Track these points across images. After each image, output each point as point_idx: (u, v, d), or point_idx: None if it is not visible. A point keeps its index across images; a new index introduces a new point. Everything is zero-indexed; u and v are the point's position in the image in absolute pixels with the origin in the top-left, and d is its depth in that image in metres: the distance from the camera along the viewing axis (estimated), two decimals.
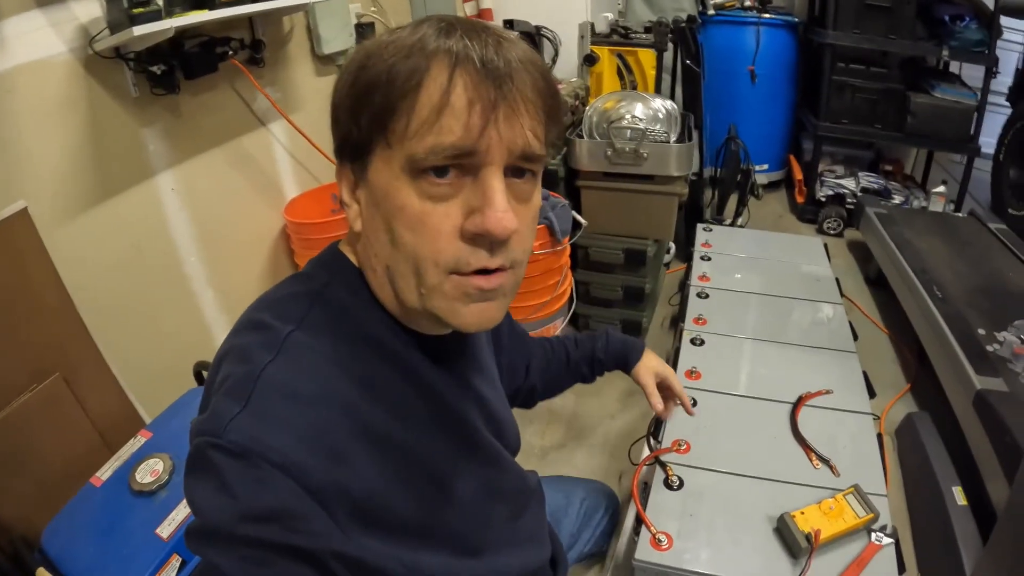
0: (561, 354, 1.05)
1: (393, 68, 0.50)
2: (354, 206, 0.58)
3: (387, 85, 0.50)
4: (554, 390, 1.07)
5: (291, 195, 2.04)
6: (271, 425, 0.49)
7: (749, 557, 1.01)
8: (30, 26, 1.24)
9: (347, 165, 0.57)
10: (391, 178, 0.52)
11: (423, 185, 0.51)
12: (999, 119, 3.06)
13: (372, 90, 0.51)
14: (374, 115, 0.52)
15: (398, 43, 0.52)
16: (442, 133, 0.50)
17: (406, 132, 0.50)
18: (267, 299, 0.61)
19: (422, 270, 0.53)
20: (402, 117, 0.50)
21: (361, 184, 0.56)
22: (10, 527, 1.19)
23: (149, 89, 1.46)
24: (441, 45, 0.50)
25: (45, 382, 1.29)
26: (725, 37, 3.28)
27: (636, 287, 2.20)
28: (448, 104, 0.49)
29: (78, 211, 1.37)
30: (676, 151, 2.02)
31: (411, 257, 0.53)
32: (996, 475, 1.39)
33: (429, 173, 0.51)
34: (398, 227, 0.53)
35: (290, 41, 1.97)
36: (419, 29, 0.52)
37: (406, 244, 0.53)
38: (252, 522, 0.47)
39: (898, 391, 2.09)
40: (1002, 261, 2.26)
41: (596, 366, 1.07)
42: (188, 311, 1.72)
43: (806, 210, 3.27)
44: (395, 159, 0.52)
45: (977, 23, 2.83)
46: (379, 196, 0.54)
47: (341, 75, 0.56)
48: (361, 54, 0.54)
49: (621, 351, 1.07)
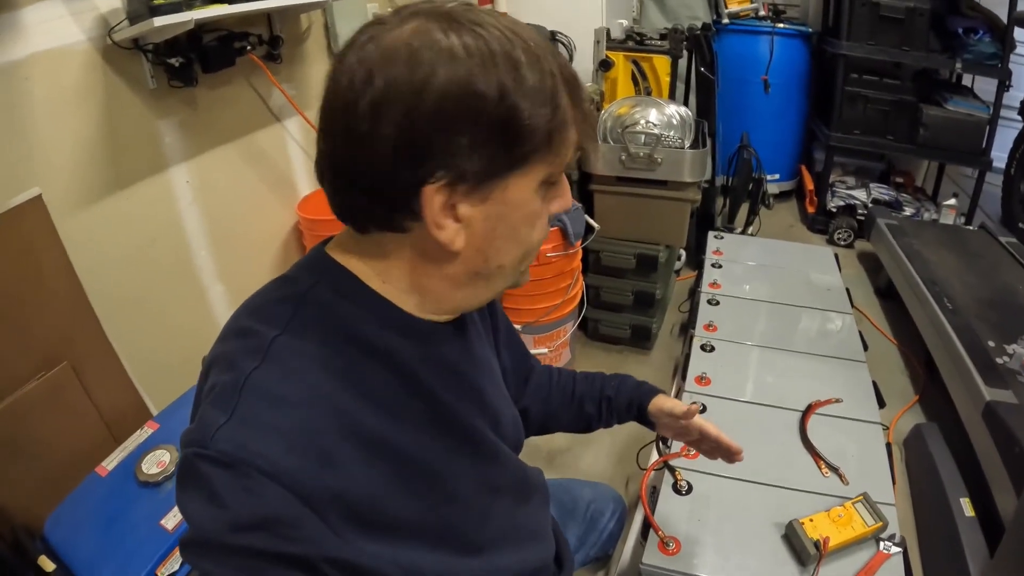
0: (567, 386, 0.97)
1: (534, 113, 0.51)
2: (451, 225, 0.54)
3: (532, 131, 0.52)
4: (551, 424, 0.97)
5: (304, 192, 2.05)
6: (258, 432, 0.49)
7: (757, 563, 1.01)
8: (50, 14, 1.24)
9: (446, 190, 0.52)
10: (529, 192, 0.56)
11: (541, 189, 0.57)
12: (1011, 133, 3.04)
13: (510, 132, 0.51)
14: (524, 152, 0.53)
15: (512, 58, 0.51)
16: (569, 150, 0.57)
17: (552, 158, 0.55)
18: (251, 304, 0.60)
19: (531, 254, 0.61)
20: (553, 151, 0.55)
21: (470, 203, 0.53)
22: (13, 515, 1.18)
23: (167, 81, 1.47)
24: (551, 65, 0.53)
25: (53, 370, 1.28)
26: (739, 46, 3.28)
27: (647, 292, 2.19)
28: (575, 122, 0.56)
29: (92, 200, 1.37)
30: (690, 157, 2.02)
31: (527, 247, 0.59)
32: (1004, 486, 1.38)
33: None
34: (524, 228, 0.58)
35: (308, 38, 1.97)
36: (509, 37, 0.52)
37: (528, 240, 0.59)
38: (243, 531, 0.47)
39: (906, 402, 2.08)
40: (1012, 274, 2.25)
41: (604, 404, 0.95)
42: (198, 304, 1.72)
43: (817, 220, 3.26)
44: (537, 176, 0.55)
45: (991, 36, 2.83)
46: (510, 208, 0.56)
47: (446, 102, 0.49)
48: (470, 90, 0.49)
49: (635, 390, 0.96)
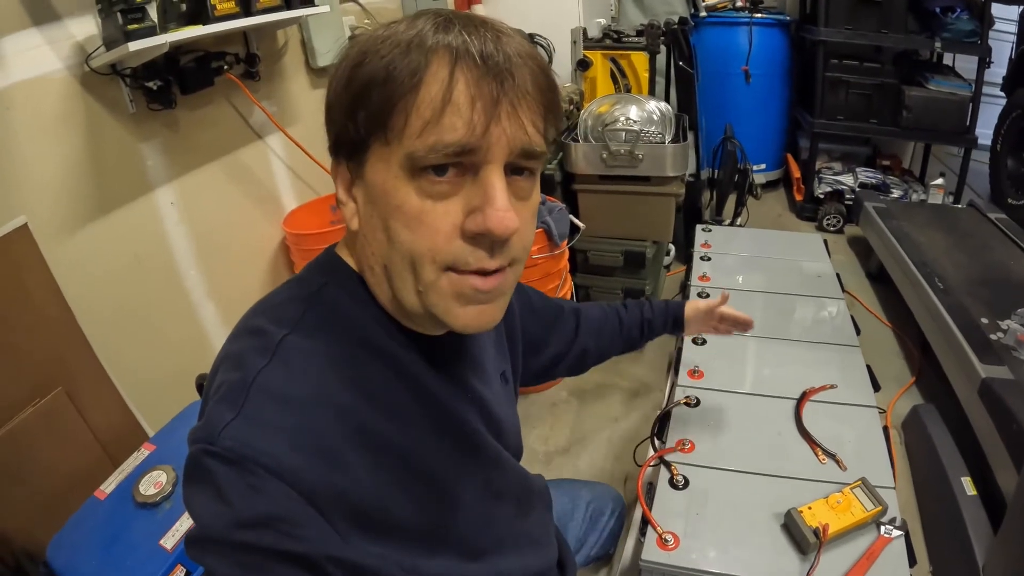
0: (614, 320, 1.07)
1: (391, 65, 0.49)
2: (351, 204, 0.56)
3: (385, 83, 0.49)
4: (605, 354, 1.08)
5: (290, 207, 2.05)
6: (265, 430, 0.49)
7: (757, 554, 1.00)
8: (27, 44, 1.25)
9: (343, 163, 0.56)
10: (389, 176, 0.51)
11: (422, 183, 0.50)
12: (995, 110, 3.06)
13: (369, 88, 0.50)
14: (372, 113, 0.50)
15: (395, 38, 0.50)
16: (444, 131, 0.48)
17: (405, 130, 0.49)
18: (263, 304, 0.60)
19: (419, 267, 0.52)
20: (401, 115, 0.49)
21: (358, 182, 0.55)
22: (15, 540, 1.19)
23: (146, 104, 1.47)
24: (440, 40, 0.49)
25: (47, 396, 1.29)
26: (717, 38, 3.29)
27: (636, 289, 2.20)
28: (450, 101, 0.48)
29: (78, 226, 1.38)
30: (671, 151, 2.03)
31: (408, 255, 0.52)
32: (1004, 463, 1.38)
33: (428, 171, 0.50)
34: (396, 225, 0.52)
35: (285, 55, 1.98)
36: (416, 23, 0.51)
37: (404, 242, 0.52)
38: (247, 528, 0.47)
39: (903, 385, 2.08)
40: (1003, 251, 2.26)
41: (645, 327, 1.09)
42: (189, 323, 1.72)
43: (805, 208, 3.27)
44: (394, 157, 0.51)
45: (968, 14, 2.85)
46: (377, 194, 0.53)
47: (336, 71, 0.54)
48: (356, 50, 0.52)
49: (664, 307, 1.11)
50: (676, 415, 1.28)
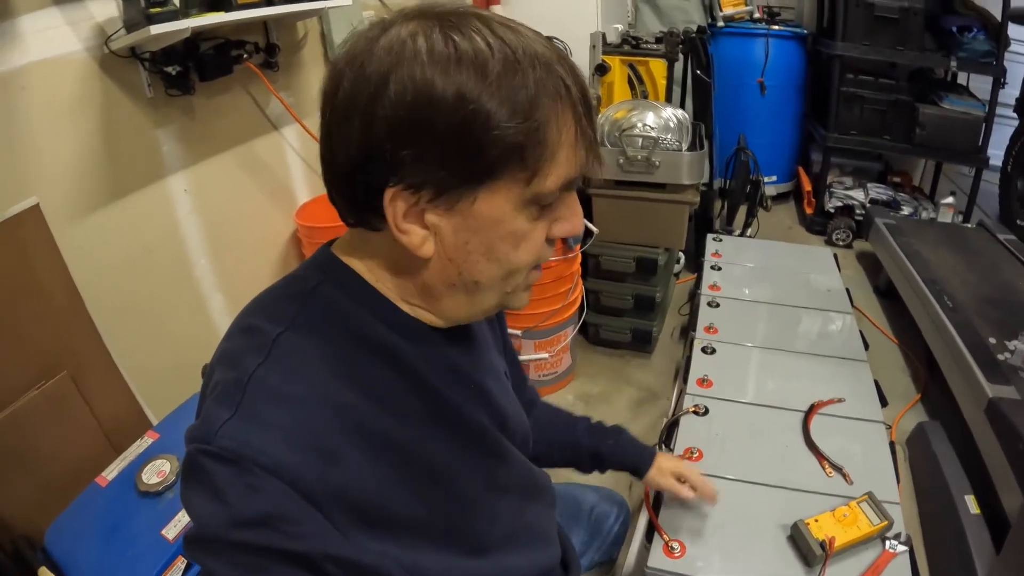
0: (570, 432, 0.98)
1: (498, 124, 0.48)
2: (418, 231, 0.53)
3: (510, 146, 0.49)
4: (542, 459, 0.91)
5: (303, 199, 2.05)
6: (261, 429, 0.49)
7: (762, 565, 1.00)
8: (46, 23, 1.24)
9: (408, 195, 0.52)
10: (508, 208, 0.53)
11: (532, 210, 0.54)
12: (1007, 131, 3.05)
13: (467, 142, 0.49)
14: (487, 165, 0.50)
15: (500, 86, 0.48)
16: (568, 171, 0.53)
17: (526, 176, 0.51)
18: (258, 302, 0.61)
19: (515, 276, 0.57)
20: (527, 168, 0.51)
21: (436, 212, 0.53)
22: (13, 525, 1.18)
23: (164, 90, 1.47)
24: (554, 88, 0.50)
25: (52, 380, 1.28)
26: (734, 49, 3.29)
27: (647, 296, 2.19)
28: (573, 145, 0.53)
29: (90, 209, 1.37)
30: (688, 159, 2.02)
31: (510, 269, 0.56)
32: (1009, 483, 1.38)
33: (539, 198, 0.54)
34: (504, 247, 0.55)
35: (304, 46, 1.98)
36: (510, 60, 0.49)
37: (511, 260, 0.56)
38: (245, 528, 0.46)
39: (908, 401, 2.08)
40: (1011, 271, 2.25)
41: (595, 462, 0.99)
42: (197, 313, 1.71)
43: (815, 221, 3.26)
44: (514, 193, 0.52)
45: (985, 34, 2.84)
46: (484, 224, 0.53)
47: (399, 109, 0.48)
48: (426, 94, 0.48)
49: (631, 456, 0.99)
50: (684, 423, 1.28)
